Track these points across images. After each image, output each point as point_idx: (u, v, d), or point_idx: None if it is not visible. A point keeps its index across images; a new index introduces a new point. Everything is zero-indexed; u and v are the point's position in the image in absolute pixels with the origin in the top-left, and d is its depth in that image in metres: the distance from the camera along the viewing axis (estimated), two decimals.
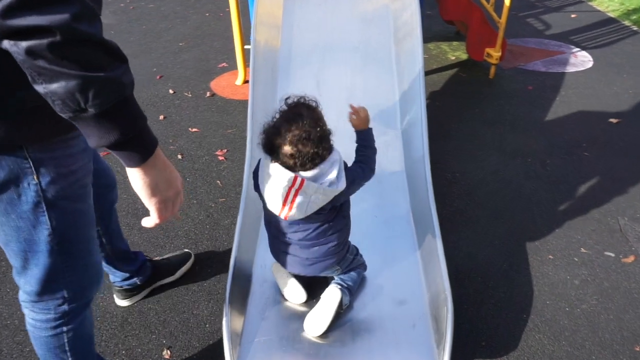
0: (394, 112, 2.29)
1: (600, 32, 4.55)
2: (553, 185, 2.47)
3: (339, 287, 1.50)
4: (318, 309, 1.48)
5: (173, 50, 4.22)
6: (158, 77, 3.71)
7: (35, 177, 0.96)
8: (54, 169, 0.98)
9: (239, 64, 3.52)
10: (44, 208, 1.00)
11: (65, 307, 1.15)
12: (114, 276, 1.76)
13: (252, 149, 1.95)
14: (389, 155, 2.11)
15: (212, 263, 2.02)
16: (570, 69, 3.80)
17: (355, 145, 1.49)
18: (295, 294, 1.55)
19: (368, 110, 1.50)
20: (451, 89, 3.50)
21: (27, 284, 1.11)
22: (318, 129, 1.24)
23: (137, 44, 4.38)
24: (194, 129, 3.02)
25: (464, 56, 3.99)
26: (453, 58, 3.99)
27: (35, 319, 1.17)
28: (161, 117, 3.16)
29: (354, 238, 1.71)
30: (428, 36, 4.29)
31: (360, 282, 1.60)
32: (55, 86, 0.72)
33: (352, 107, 1.50)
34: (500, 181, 2.50)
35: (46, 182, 0.98)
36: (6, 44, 0.69)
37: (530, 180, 2.51)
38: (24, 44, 0.68)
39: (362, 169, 1.41)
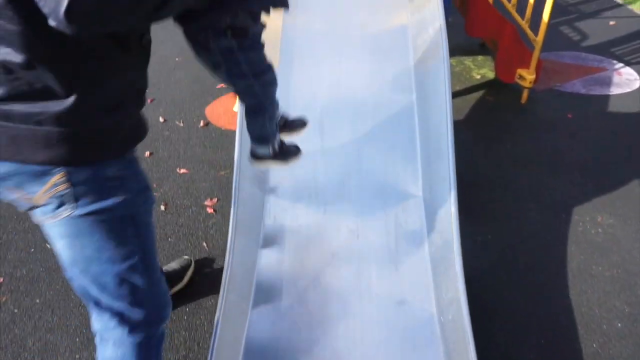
0: (414, 170, 1.87)
1: None
2: (610, 259, 2.01)
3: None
4: None
5: (169, 67, 3.83)
6: (149, 100, 3.33)
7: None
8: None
9: None
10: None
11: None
12: None
13: (238, 201, 1.67)
14: (408, 232, 1.70)
15: None
16: (615, 90, 3.31)
17: None
18: None
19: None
20: (477, 118, 3.05)
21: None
22: None
23: None
24: (182, 170, 2.64)
25: (491, 74, 3.52)
26: (478, 77, 3.53)
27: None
28: (147, 153, 2.78)
29: (364, 343, 1.32)
30: (449, 49, 3.83)
31: None
32: None
33: None
34: (542, 248, 2.06)
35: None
36: None
37: (580, 248, 2.06)
38: None
39: None
